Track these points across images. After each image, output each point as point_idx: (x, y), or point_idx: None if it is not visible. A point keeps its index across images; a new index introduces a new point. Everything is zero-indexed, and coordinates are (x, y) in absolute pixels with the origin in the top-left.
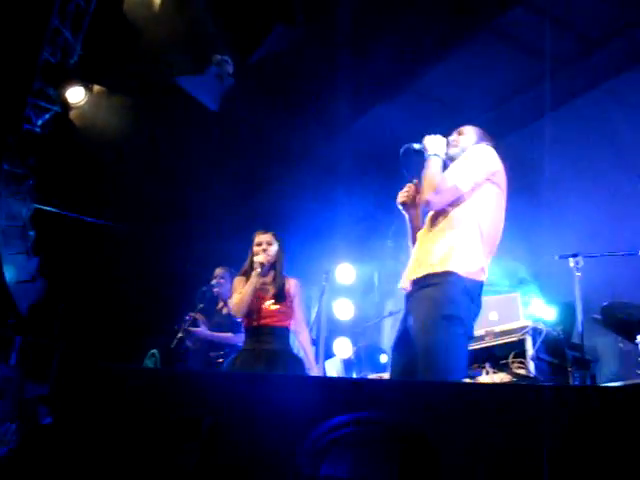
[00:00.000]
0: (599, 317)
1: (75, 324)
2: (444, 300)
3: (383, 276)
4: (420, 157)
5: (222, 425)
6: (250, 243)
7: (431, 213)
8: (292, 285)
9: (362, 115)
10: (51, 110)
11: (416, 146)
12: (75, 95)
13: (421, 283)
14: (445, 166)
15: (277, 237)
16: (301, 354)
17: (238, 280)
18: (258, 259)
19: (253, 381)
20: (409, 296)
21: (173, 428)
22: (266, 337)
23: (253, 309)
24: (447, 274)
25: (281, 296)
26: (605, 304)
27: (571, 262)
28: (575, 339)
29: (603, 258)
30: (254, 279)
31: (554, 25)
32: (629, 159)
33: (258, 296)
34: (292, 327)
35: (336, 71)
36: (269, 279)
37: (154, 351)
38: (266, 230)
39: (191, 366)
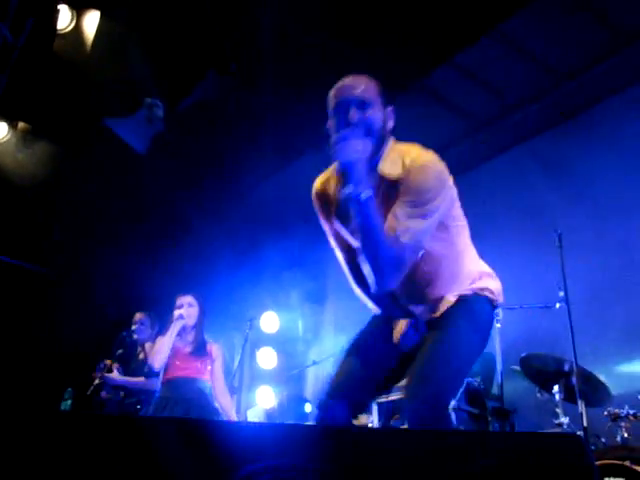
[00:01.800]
0: (518, 368)
1: None
2: (478, 317)
3: (307, 325)
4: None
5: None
6: (177, 286)
7: None
8: (214, 348)
9: (287, 165)
10: None
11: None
12: None
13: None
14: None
15: (197, 298)
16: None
17: (159, 339)
18: (177, 312)
19: (169, 424)
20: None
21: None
22: (184, 388)
23: (173, 362)
24: (479, 298)
25: (201, 352)
26: (523, 355)
27: None
28: (494, 389)
29: (521, 310)
30: (173, 330)
31: (478, 86)
32: (547, 215)
33: (179, 351)
34: (214, 391)
35: (263, 121)
36: (190, 338)
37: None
38: (186, 292)
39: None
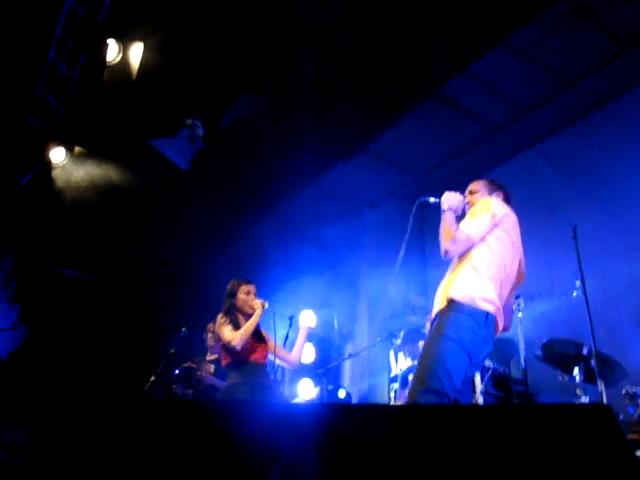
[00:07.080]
0: (539, 353)
1: (56, 370)
2: (446, 322)
3: (342, 322)
4: (436, 210)
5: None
6: (222, 289)
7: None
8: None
9: (324, 173)
10: (34, 169)
11: (432, 200)
12: (57, 155)
13: (438, 314)
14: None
15: None
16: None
17: (223, 321)
18: (262, 302)
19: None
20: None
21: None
22: (263, 374)
23: (250, 346)
24: (450, 302)
25: (261, 338)
26: (545, 341)
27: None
28: (518, 374)
29: (541, 299)
30: (257, 317)
31: (491, 93)
32: (561, 210)
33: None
34: (286, 361)
35: (298, 135)
36: None
37: None
38: (250, 281)
39: None
